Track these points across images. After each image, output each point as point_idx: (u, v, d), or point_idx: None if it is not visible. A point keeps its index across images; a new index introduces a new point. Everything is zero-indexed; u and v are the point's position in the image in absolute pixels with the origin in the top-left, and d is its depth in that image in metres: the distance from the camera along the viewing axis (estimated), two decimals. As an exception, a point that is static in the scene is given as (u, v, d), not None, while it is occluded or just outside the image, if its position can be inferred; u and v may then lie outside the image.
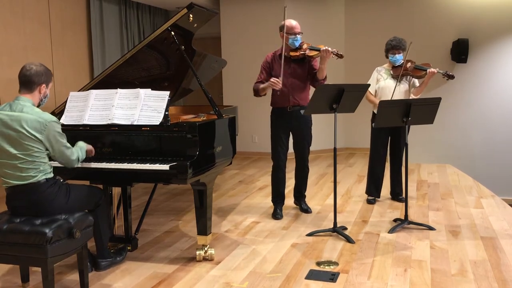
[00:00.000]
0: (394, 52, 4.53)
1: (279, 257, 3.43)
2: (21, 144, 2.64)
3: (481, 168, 7.22)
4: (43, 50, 6.01)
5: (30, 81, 2.72)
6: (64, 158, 2.81)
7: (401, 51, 4.54)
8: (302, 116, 4.27)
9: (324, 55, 4.00)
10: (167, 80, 4.17)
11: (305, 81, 4.27)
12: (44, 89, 2.80)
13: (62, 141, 2.76)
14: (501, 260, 3.29)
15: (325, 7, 7.84)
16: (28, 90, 2.74)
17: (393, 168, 4.82)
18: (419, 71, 4.47)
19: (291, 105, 4.22)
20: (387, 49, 4.60)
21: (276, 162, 4.37)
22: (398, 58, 4.54)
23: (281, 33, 4.17)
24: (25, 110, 2.67)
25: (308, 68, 4.23)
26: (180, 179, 2.96)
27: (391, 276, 3.07)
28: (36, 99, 2.78)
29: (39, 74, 2.74)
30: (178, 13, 3.47)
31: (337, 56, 4.02)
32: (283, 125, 4.30)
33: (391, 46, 4.54)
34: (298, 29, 4.13)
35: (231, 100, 7.69)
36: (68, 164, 2.86)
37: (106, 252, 3.24)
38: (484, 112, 7.32)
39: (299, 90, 4.23)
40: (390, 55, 4.57)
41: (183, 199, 5.16)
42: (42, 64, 2.81)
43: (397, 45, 4.50)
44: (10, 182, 2.71)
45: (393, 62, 4.59)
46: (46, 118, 2.68)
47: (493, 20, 7.14)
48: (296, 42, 4.13)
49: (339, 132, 7.88)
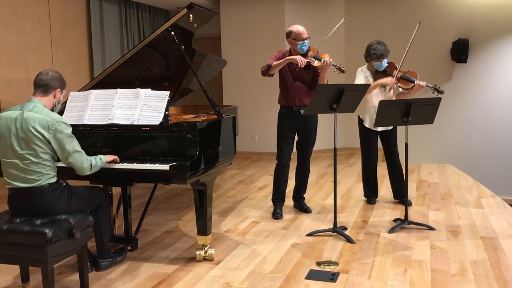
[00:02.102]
0: (379, 60, 4.39)
1: (279, 257, 3.43)
2: (28, 143, 2.65)
3: (481, 168, 7.22)
4: (43, 50, 6.01)
5: (47, 84, 2.77)
6: (74, 163, 2.76)
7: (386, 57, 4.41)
8: (309, 117, 4.29)
9: (324, 66, 4.03)
10: (167, 80, 4.17)
11: (310, 85, 4.30)
12: (58, 94, 2.84)
13: (71, 143, 2.74)
14: (501, 260, 3.29)
15: (325, 8, 7.83)
16: (43, 93, 2.78)
17: (391, 171, 4.73)
18: (406, 83, 4.32)
19: (297, 105, 4.25)
20: (371, 59, 4.41)
21: (280, 161, 4.39)
22: (384, 63, 4.41)
23: (289, 40, 4.19)
24: (35, 110, 2.69)
25: (313, 73, 4.27)
26: (180, 179, 2.96)
27: (391, 276, 3.07)
28: (49, 103, 2.81)
29: (55, 79, 2.81)
30: (178, 13, 3.47)
31: (338, 70, 4.03)
32: (290, 125, 4.32)
33: (376, 56, 4.35)
34: (305, 35, 4.14)
35: (231, 100, 7.69)
36: (79, 171, 2.82)
37: (106, 252, 3.24)
38: (484, 112, 7.32)
39: (305, 93, 4.26)
40: (375, 63, 4.41)
41: (183, 199, 5.16)
42: (58, 72, 2.88)
43: (382, 54, 4.35)
44: (13, 184, 2.71)
45: (378, 68, 4.44)
46: (54, 117, 2.70)
47: (493, 20, 7.15)
48: (304, 47, 4.15)
49: (339, 132, 7.86)
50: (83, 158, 2.80)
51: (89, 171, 2.86)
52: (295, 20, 6.23)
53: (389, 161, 4.71)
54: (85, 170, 2.83)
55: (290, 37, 4.18)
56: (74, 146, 2.75)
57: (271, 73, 4.19)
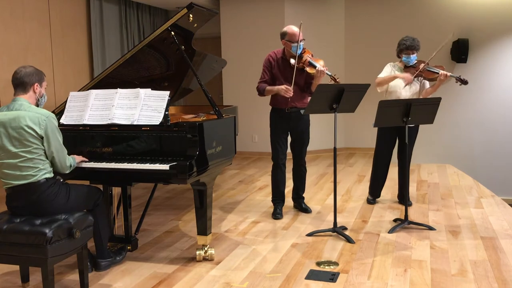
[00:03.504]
0: (408, 53, 4.38)
1: (279, 257, 3.43)
2: (21, 141, 2.65)
3: (481, 168, 7.22)
4: (43, 50, 6.01)
5: (23, 82, 2.76)
6: (59, 158, 2.77)
7: (415, 52, 4.40)
8: (301, 117, 4.28)
9: (318, 75, 4.01)
10: (167, 80, 4.17)
11: (303, 88, 4.28)
12: (38, 88, 2.82)
13: (59, 138, 2.77)
14: (501, 260, 3.29)
15: (325, 8, 7.83)
16: (22, 91, 2.78)
17: (401, 171, 4.64)
18: (431, 74, 4.35)
19: (289, 107, 4.24)
20: (400, 49, 4.43)
21: (276, 161, 4.39)
22: (412, 58, 4.40)
23: (283, 41, 4.17)
24: (23, 108, 2.70)
25: (306, 77, 4.24)
26: (180, 179, 2.96)
27: (391, 276, 3.07)
28: (32, 99, 2.80)
29: (29, 75, 2.78)
30: (178, 13, 3.47)
31: (332, 80, 3.98)
32: (282, 125, 4.32)
33: (405, 46, 4.37)
34: (300, 37, 4.09)
35: (231, 100, 7.69)
36: (62, 167, 2.82)
37: (106, 252, 3.24)
38: (484, 112, 7.32)
39: (298, 95, 4.23)
40: (404, 56, 4.41)
41: (183, 199, 5.16)
42: (32, 66, 2.85)
43: (412, 45, 4.35)
44: (10, 183, 2.71)
45: (406, 63, 4.44)
46: (44, 113, 2.71)
47: (493, 20, 7.14)
48: (299, 50, 4.12)
49: (339, 132, 7.89)
50: (66, 155, 2.83)
51: (69, 170, 2.88)
52: (295, 20, 6.25)
53: (402, 161, 4.56)
54: (66, 169, 2.85)
55: (285, 38, 4.13)
56: (61, 141, 2.78)
57: (266, 95, 4.27)
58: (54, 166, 2.80)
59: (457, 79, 4.28)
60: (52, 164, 2.79)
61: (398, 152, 4.65)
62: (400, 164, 4.65)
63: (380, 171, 4.74)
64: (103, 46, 6.92)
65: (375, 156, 4.74)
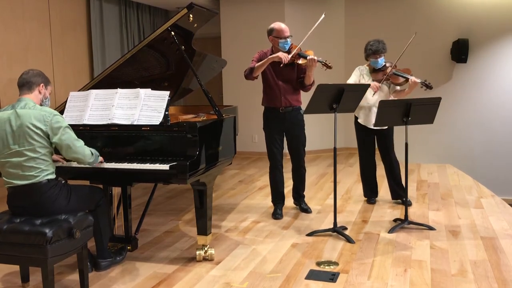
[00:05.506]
0: (375, 57, 4.41)
1: (279, 257, 3.43)
2: (26, 139, 2.67)
3: (481, 168, 7.22)
4: (43, 50, 6.01)
5: (29, 81, 2.81)
6: (76, 151, 2.78)
7: (382, 55, 4.43)
8: (295, 117, 4.26)
9: (310, 64, 3.99)
10: (167, 80, 4.17)
11: (296, 84, 4.26)
12: (43, 89, 2.86)
13: (70, 132, 2.77)
14: (501, 260, 3.29)
15: (325, 8, 7.82)
16: (28, 90, 2.81)
17: (387, 170, 4.69)
18: (398, 78, 4.37)
19: (283, 106, 4.22)
20: (367, 54, 4.47)
21: (273, 162, 4.37)
22: (379, 62, 4.43)
23: (270, 37, 4.14)
24: (28, 107, 2.73)
25: (297, 72, 4.22)
26: (180, 179, 2.96)
27: (391, 276, 3.07)
28: (37, 99, 2.83)
29: (36, 75, 2.84)
30: (178, 13, 3.47)
31: (325, 66, 3.97)
32: (276, 126, 4.29)
33: (371, 51, 4.41)
34: (288, 33, 4.09)
35: (231, 100, 7.69)
36: (82, 159, 2.84)
37: (106, 252, 3.24)
38: (484, 112, 7.32)
39: (290, 92, 4.23)
40: (372, 59, 4.45)
41: (183, 199, 5.16)
42: (39, 70, 2.91)
43: (377, 50, 4.38)
44: (12, 182, 2.72)
45: (374, 66, 4.48)
46: (48, 111, 2.74)
47: (493, 20, 7.14)
48: (286, 45, 4.11)
49: (339, 132, 7.87)
50: (84, 146, 2.84)
51: (91, 158, 2.88)
52: (295, 20, 6.25)
53: (385, 161, 4.67)
54: (87, 158, 2.85)
55: (272, 34, 4.11)
56: (73, 135, 2.79)
57: (254, 76, 4.14)
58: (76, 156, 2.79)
59: (423, 84, 4.28)
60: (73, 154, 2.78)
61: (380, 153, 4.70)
62: (384, 164, 4.71)
63: (367, 173, 4.77)
64: (103, 46, 6.92)
65: (359, 159, 4.81)
